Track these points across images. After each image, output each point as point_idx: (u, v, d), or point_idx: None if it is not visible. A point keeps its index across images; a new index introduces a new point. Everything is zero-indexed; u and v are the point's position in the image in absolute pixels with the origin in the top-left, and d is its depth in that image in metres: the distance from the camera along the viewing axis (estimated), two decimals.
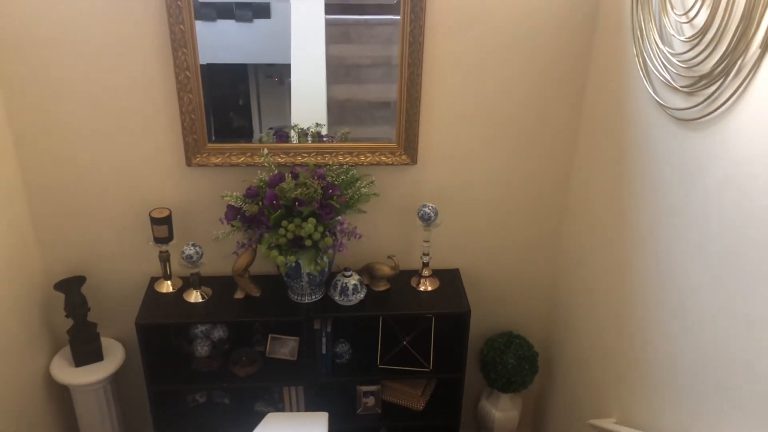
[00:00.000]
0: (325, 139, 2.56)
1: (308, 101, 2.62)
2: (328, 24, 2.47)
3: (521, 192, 2.69)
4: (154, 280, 2.67)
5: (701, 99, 1.68)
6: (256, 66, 2.59)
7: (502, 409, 2.96)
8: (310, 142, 2.56)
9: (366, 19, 2.53)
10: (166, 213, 2.50)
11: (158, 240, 2.53)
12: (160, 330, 2.64)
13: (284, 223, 2.33)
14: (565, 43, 2.41)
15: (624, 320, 2.24)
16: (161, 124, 2.43)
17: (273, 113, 2.62)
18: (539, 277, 2.88)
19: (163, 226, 2.50)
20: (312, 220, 2.32)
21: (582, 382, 2.62)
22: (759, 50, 1.46)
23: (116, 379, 2.75)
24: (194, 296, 2.59)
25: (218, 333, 2.66)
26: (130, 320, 2.73)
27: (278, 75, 2.61)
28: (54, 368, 2.66)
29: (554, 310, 2.91)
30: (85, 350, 2.65)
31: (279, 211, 2.33)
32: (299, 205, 2.32)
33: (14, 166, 2.42)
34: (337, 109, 2.58)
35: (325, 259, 2.41)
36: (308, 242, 2.32)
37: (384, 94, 2.53)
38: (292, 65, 2.50)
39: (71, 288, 2.58)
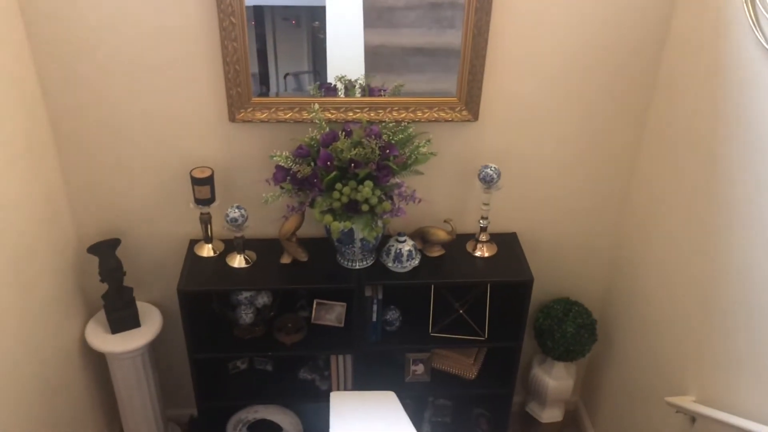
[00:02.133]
0: (378, 92, 2.35)
1: (343, 48, 2.41)
2: None
3: (588, 153, 2.49)
4: (193, 243, 2.51)
5: None
6: (272, 8, 2.35)
7: (557, 377, 2.83)
8: (359, 95, 2.35)
9: None
10: (208, 173, 2.32)
11: (199, 201, 2.35)
12: (202, 296, 2.49)
13: (338, 186, 2.15)
14: None
15: (704, 288, 2.08)
16: (203, 75, 2.22)
17: (291, 59, 2.39)
18: (601, 242, 2.71)
19: (205, 186, 2.32)
20: (369, 183, 2.14)
21: (649, 353, 2.47)
22: None
23: (153, 347, 2.62)
24: (238, 261, 2.43)
25: (262, 299, 2.51)
26: (168, 285, 2.61)
27: (295, 17, 2.37)
28: (89, 335, 2.52)
29: (615, 276, 2.74)
30: (122, 317, 2.51)
31: (333, 173, 2.14)
32: (355, 167, 2.13)
33: (44, 120, 2.23)
34: (380, 57, 2.35)
35: (380, 224, 2.23)
36: (365, 207, 2.15)
37: (437, 39, 2.31)
38: (327, 7, 2.26)
39: (106, 251, 2.43)
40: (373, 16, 2.29)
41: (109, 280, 2.45)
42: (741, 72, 1.86)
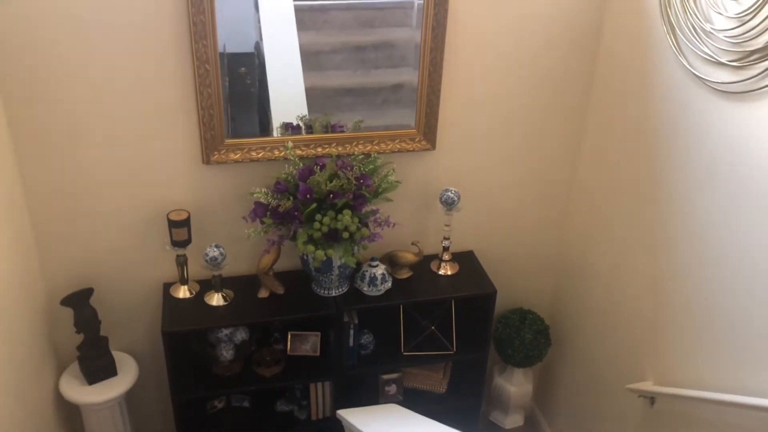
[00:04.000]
0: (339, 129, 2.51)
1: (286, 90, 2.56)
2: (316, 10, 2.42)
3: (532, 172, 2.75)
4: (167, 286, 2.54)
5: (755, 72, 1.78)
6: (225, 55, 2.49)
7: (517, 384, 3.04)
8: (322, 132, 2.50)
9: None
10: (185, 215, 2.38)
11: (176, 244, 2.41)
12: (181, 337, 2.52)
13: (318, 216, 2.28)
14: (575, 26, 2.48)
15: (649, 280, 2.36)
16: (177, 121, 2.30)
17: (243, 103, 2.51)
18: (548, 252, 2.97)
19: (182, 228, 2.38)
20: (347, 211, 2.28)
21: (603, 349, 2.73)
22: None
23: (129, 394, 2.60)
24: (216, 299, 2.49)
25: (241, 335, 2.56)
26: (143, 330, 2.63)
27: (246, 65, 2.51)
28: (65, 388, 2.48)
29: (563, 281, 3.01)
30: (98, 366, 2.49)
31: (313, 204, 2.28)
32: (333, 198, 2.28)
33: (12, 171, 2.22)
34: (323, 97, 2.52)
35: (359, 249, 2.38)
36: (345, 234, 2.28)
37: (393, 77, 2.52)
38: (266, 55, 2.40)
39: (80, 302, 2.42)
40: (311, 61, 2.44)
41: (85, 330, 2.44)
42: (667, 89, 2.17)
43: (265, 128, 2.48)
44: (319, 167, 2.33)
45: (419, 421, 1.98)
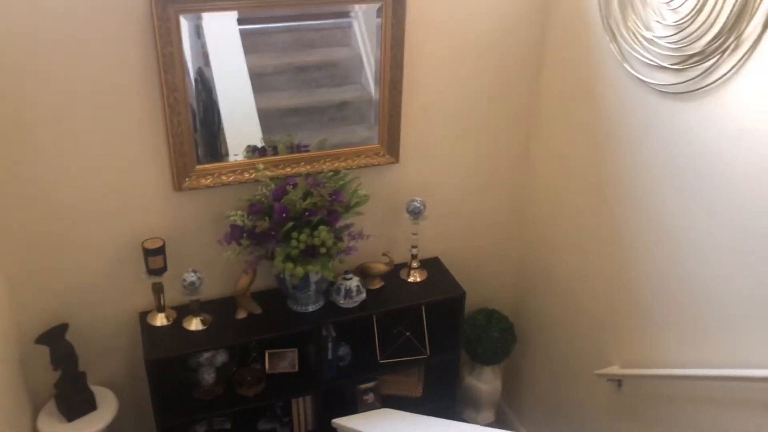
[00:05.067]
0: (303, 148, 2.58)
1: (238, 113, 2.60)
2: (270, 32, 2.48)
3: (490, 178, 2.90)
4: (143, 315, 2.54)
5: (696, 74, 1.97)
6: None
7: (487, 381, 3.16)
8: (287, 153, 2.56)
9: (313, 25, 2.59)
10: (160, 243, 2.39)
11: (152, 272, 2.41)
12: (162, 365, 2.52)
13: (295, 234, 2.34)
14: (522, 40, 2.64)
15: (608, 270, 2.53)
16: (146, 150, 2.32)
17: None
18: (509, 253, 3.12)
19: (158, 256, 2.39)
20: (323, 227, 2.35)
21: (568, 340, 2.89)
22: (760, 28, 1.75)
23: (110, 428, 2.57)
24: (195, 324, 2.50)
25: (221, 357, 2.59)
26: (120, 362, 2.62)
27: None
28: (44, 427, 2.44)
29: (524, 280, 3.16)
30: (78, 402, 2.46)
31: (290, 223, 2.34)
32: (309, 215, 2.34)
33: None
34: (279, 117, 2.58)
35: (337, 263, 2.45)
36: (322, 250, 2.35)
37: (337, 96, 2.61)
38: (216, 79, 2.40)
39: (56, 338, 2.39)
40: (256, 83, 2.47)
41: (62, 366, 2.41)
42: (614, 93, 2.34)
43: (220, 153, 2.48)
44: (291, 186, 2.40)
45: (418, 419, 2.07)
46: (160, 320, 2.52)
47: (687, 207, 2.11)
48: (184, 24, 2.18)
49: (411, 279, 2.80)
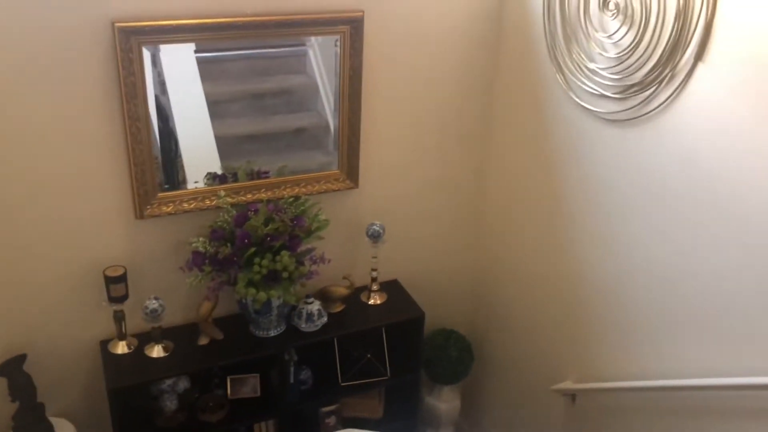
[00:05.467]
0: (264, 174, 2.63)
1: (197, 140, 2.64)
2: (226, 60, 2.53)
3: (446, 201, 2.99)
4: (104, 343, 2.53)
5: (636, 102, 2.10)
6: None
7: (446, 401, 3.23)
8: (246, 180, 2.60)
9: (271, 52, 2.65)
10: (121, 271, 2.40)
11: (114, 300, 2.42)
12: (125, 393, 2.51)
13: (257, 260, 2.38)
14: (474, 68, 2.76)
15: (559, 290, 2.64)
16: (108, 178, 2.34)
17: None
18: (464, 274, 3.21)
19: (120, 284, 2.40)
20: (285, 252, 2.40)
21: (524, 357, 2.98)
22: (692, 60, 1.89)
23: None
24: (156, 351, 2.50)
25: (183, 384, 2.59)
26: (80, 392, 2.61)
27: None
28: None
29: (480, 300, 3.25)
30: None
31: (252, 248, 2.38)
32: (271, 240, 2.39)
33: None
34: (234, 143, 2.62)
35: (299, 287, 2.49)
36: (285, 274, 2.40)
37: (293, 122, 2.68)
38: (172, 106, 2.44)
39: (13, 370, 2.37)
40: (212, 110, 2.51)
41: (21, 398, 2.38)
42: (561, 120, 2.47)
43: (178, 180, 2.49)
44: (253, 212, 2.44)
45: None
46: (121, 348, 2.51)
47: (631, 225, 2.24)
48: (147, 55, 2.22)
49: (371, 301, 2.86)
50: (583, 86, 2.30)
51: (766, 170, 1.77)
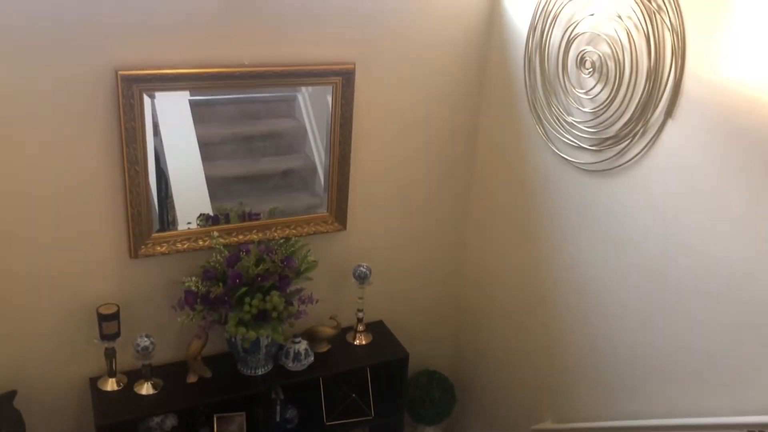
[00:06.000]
0: (255, 216, 2.72)
1: (188, 181, 2.72)
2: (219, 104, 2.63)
3: (429, 245, 3.10)
4: (93, 381, 2.57)
5: (611, 154, 2.24)
6: None
7: None
8: (238, 221, 2.69)
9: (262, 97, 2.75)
10: (114, 309, 2.46)
11: (106, 337, 2.47)
12: (114, 429, 2.54)
13: (247, 299, 2.45)
14: (457, 122, 2.90)
15: (537, 334, 2.73)
16: (105, 219, 2.41)
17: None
18: (447, 317, 3.30)
19: (112, 322, 2.45)
20: (275, 293, 2.47)
21: (503, 398, 3.05)
22: (662, 117, 2.03)
23: None
24: (146, 388, 2.55)
25: (170, 422, 2.63)
26: (68, 428, 2.61)
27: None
28: None
29: (461, 343, 3.33)
30: None
31: (243, 288, 2.45)
32: (262, 281, 2.46)
33: None
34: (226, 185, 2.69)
35: (287, 326, 2.56)
36: (274, 314, 2.47)
37: (281, 164, 2.77)
38: (165, 148, 2.50)
39: (4, 406, 2.40)
40: (203, 152, 2.59)
41: None
42: (541, 169, 2.60)
43: (168, 221, 2.56)
44: (244, 253, 2.52)
45: None
46: (111, 385, 2.55)
47: (606, 270, 2.35)
48: (147, 102, 2.32)
49: (357, 342, 2.93)
50: (562, 138, 2.43)
51: (727, 219, 1.90)
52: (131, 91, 2.25)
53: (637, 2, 2.04)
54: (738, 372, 1.94)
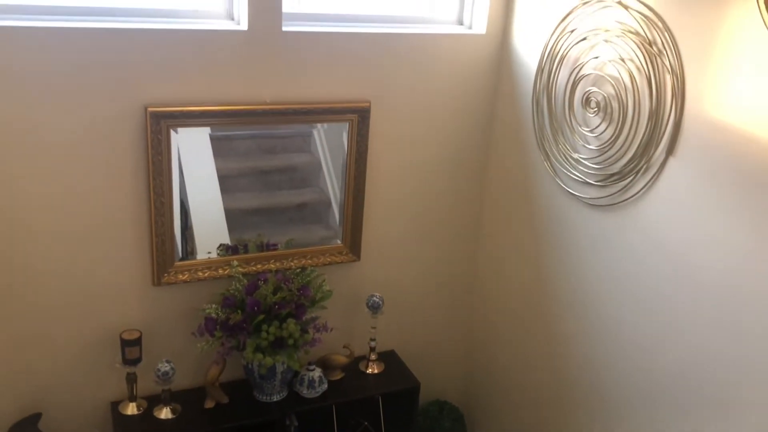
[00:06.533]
0: (272, 246, 2.82)
1: (207, 213, 2.82)
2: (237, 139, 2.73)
3: (442, 276, 3.18)
4: (114, 405, 2.65)
5: (616, 190, 2.33)
6: None
7: None
8: (256, 251, 2.79)
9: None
10: (137, 334, 2.55)
11: (128, 362, 2.56)
12: None
13: (264, 326, 2.54)
14: (467, 157, 3.01)
15: (546, 365, 2.79)
16: (130, 247, 2.52)
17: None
18: (457, 347, 3.37)
19: (135, 347, 2.55)
20: (291, 320, 2.56)
21: (511, 429, 3.10)
22: (664, 154, 2.13)
23: None
24: (165, 413, 2.62)
25: None
26: None
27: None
28: None
29: (472, 374, 3.39)
30: None
31: (261, 315, 2.54)
32: (279, 308, 2.56)
33: None
34: (242, 217, 2.79)
35: (303, 354, 2.64)
36: (290, 341, 2.55)
37: (296, 197, 2.87)
38: (186, 181, 2.59)
39: (29, 428, 2.48)
40: (221, 184, 2.69)
41: None
42: (548, 203, 2.70)
43: (187, 251, 2.66)
44: (262, 282, 2.62)
45: None
46: (131, 409, 2.63)
47: (613, 302, 2.43)
48: (174, 137, 2.45)
49: (369, 371, 3.00)
50: (569, 174, 2.53)
51: (727, 253, 1.98)
52: (159, 126, 2.38)
53: (638, 46, 2.16)
54: (741, 398, 2.00)
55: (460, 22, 2.89)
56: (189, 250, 2.69)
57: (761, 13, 1.78)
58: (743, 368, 1.98)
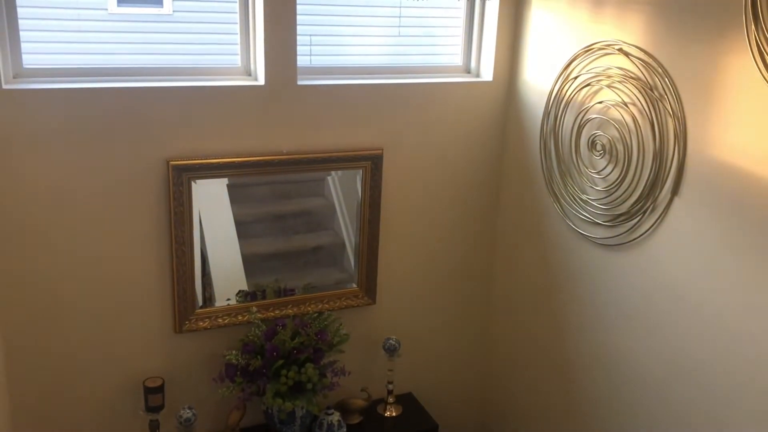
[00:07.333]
0: (290, 291, 2.88)
1: (225, 260, 2.89)
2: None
3: (456, 318, 3.22)
4: None
5: (624, 230, 2.39)
6: None
7: None
8: (274, 297, 2.86)
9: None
10: (160, 382, 2.60)
11: (151, 409, 2.61)
12: None
13: (284, 371, 2.59)
14: (478, 200, 3.09)
15: (559, 402, 2.81)
16: (152, 295, 2.59)
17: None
18: (473, 390, 3.39)
19: (158, 394, 2.60)
20: (310, 365, 2.61)
21: None
22: (669, 195, 2.19)
23: None
24: None
25: None
26: None
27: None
28: None
29: (488, 416, 3.40)
30: None
31: (280, 360, 2.59)
32: (297, 353, 2.61)
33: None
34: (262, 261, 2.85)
35: (321, 397, 2.68)
36: (309, 385, 2.60)
37: (311, 241, 2.93)
38: (205, 233, 2.66)
39: None
40: (238, 230, 2.75)
41: None
42: (558, 243, 2.75)
43: (205, 297, 2.72)
44: (281, 327, 2.68)
45: None
46: None
47: (622, 339, 2.46)
48: (195, 189, 2.54)
49: (388, 414, 3.03)
50: (578, 214, 2.59)
51: (731, 290, 2.03)
52: (180, 178, 2.48)
53: (640, 90, 2.24)
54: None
55: (468, 71, 3.00)
56: (207, 297, 2.76)
57: (754, 59, 1.86)
58: (751, 403, 2.00)
